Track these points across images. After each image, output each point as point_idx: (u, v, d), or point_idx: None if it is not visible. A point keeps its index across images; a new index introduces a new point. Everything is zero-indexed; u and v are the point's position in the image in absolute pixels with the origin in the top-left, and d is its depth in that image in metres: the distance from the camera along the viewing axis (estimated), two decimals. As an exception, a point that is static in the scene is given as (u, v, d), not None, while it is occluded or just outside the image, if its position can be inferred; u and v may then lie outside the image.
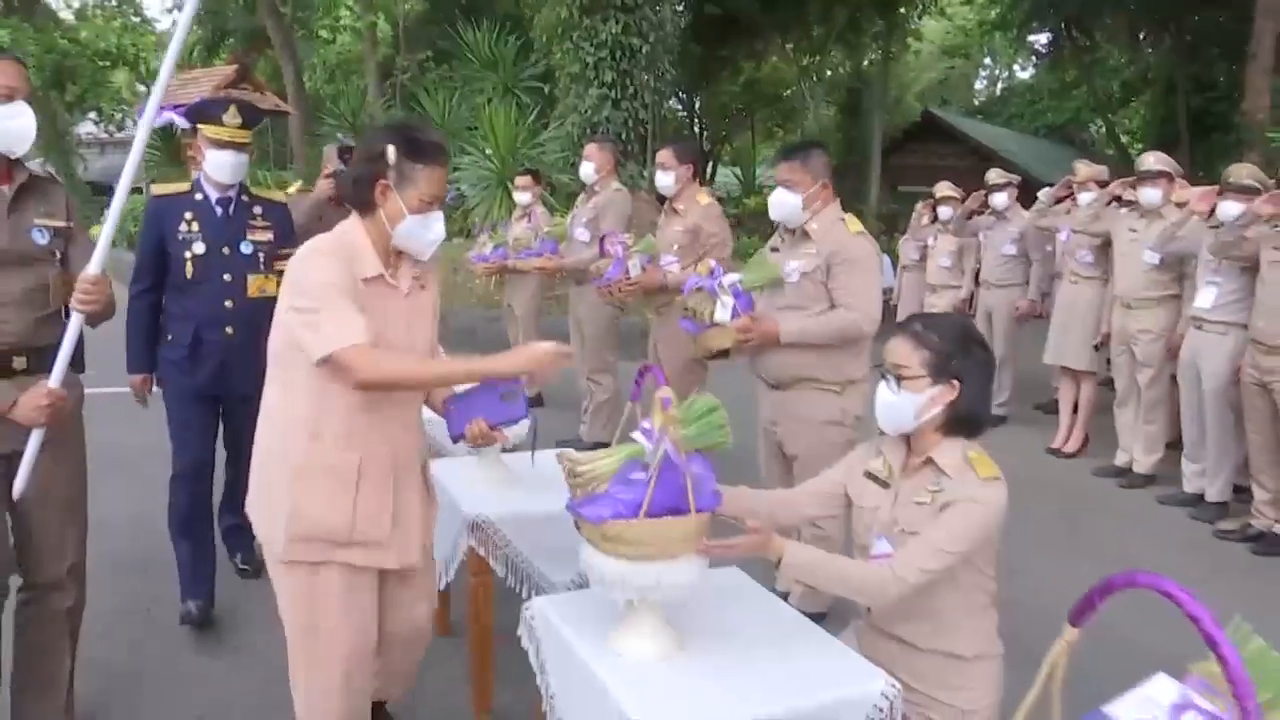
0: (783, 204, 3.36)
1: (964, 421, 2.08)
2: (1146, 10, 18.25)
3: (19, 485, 2.41)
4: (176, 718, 2.99)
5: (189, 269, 3.44)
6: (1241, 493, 5.03)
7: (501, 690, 2.85)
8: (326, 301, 2.08)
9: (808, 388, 3.25)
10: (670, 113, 23.84)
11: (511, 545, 2.70)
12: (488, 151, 11.74)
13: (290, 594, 2.24)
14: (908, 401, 2.06)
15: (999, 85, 36.37)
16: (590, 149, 5.62)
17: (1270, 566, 4.47)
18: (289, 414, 2.19)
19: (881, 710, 1.81)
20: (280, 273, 3.29)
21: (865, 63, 21.64)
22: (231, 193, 3.54)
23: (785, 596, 3.34)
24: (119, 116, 25.77)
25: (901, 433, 2.13)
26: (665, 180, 4.51)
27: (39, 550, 2.58)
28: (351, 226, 2.22)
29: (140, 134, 2.44)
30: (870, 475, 2.18)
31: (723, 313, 3.22)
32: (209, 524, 3.68)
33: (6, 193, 2.46)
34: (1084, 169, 6.22)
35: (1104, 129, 23.85)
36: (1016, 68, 34.67)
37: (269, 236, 3.59)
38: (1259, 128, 13.23)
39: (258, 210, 3.59)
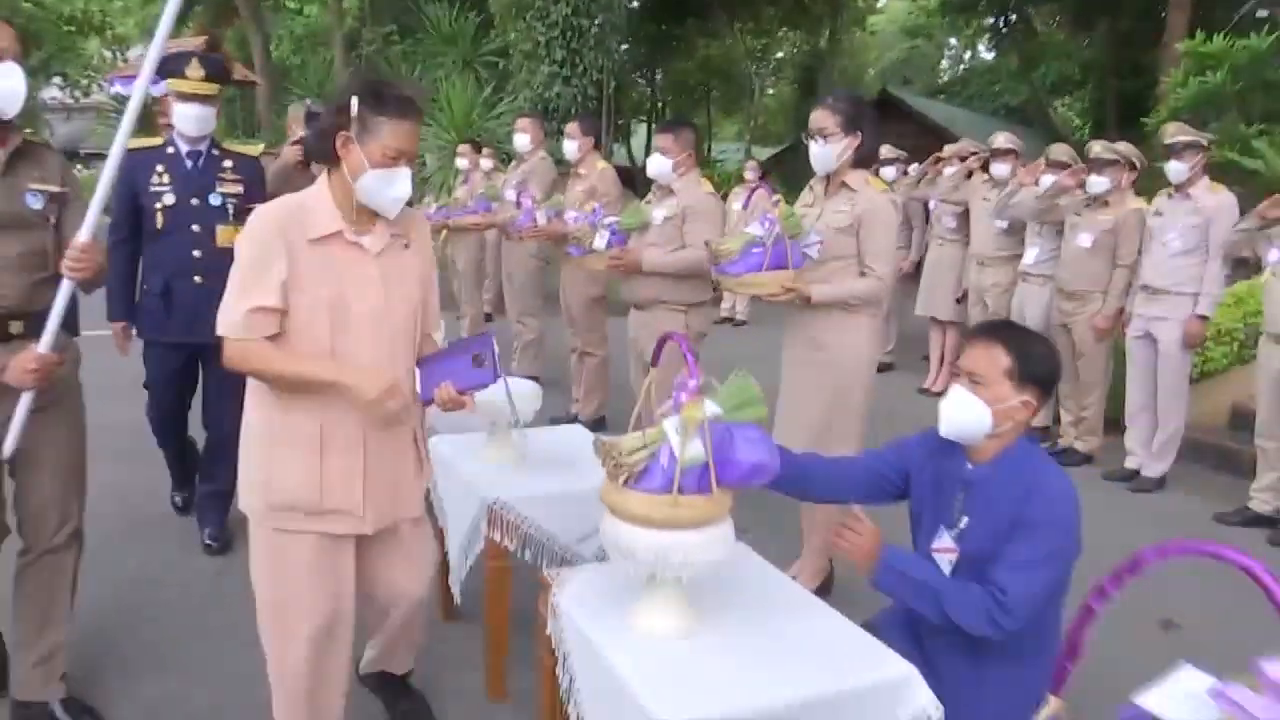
0: (658, 166, 4.26)
1: None
2: (1076, 1, 19.19)
3: (9, 445, 2.39)
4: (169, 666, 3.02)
5: (159, 219, 3.56)
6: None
7: (518, 674, 2.81)
8: (239, 278, 2.08)
9: (660, 308, 4.16)
10: (635, 89, 24.69)
11: (529, 520, 2.67)
12: (444, 123, 12.48)
13: (261, 562, 2.21)
14: None
15: (962, 66, 37.09)
16: (523, 122, 6.49)
17: (1066, 472, 5.46)
18: (259, 385, 2.16)
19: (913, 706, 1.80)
20: None
21: (821, 43, 22.49)
22: (202, 146, 3.65)
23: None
24: (85, 82, 25.99)
25: None
26: (570, 147, 5.41)
27: (41, 514, 2.58)
28: (318, 184, 2.16)
29: (133, 102, 2.40)
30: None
31: (600, 242, 4.17)
32: (190, 459, 4.06)
33: (0, 156, 2.43)
34: (948, 147, 7.15)
35: (1058, 109, 24.82)
36: (981, 48, 35.48)
37: (239, 189, 3.68)
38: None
39: (228, 164, 3.69)
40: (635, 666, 1.79)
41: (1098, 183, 5.28)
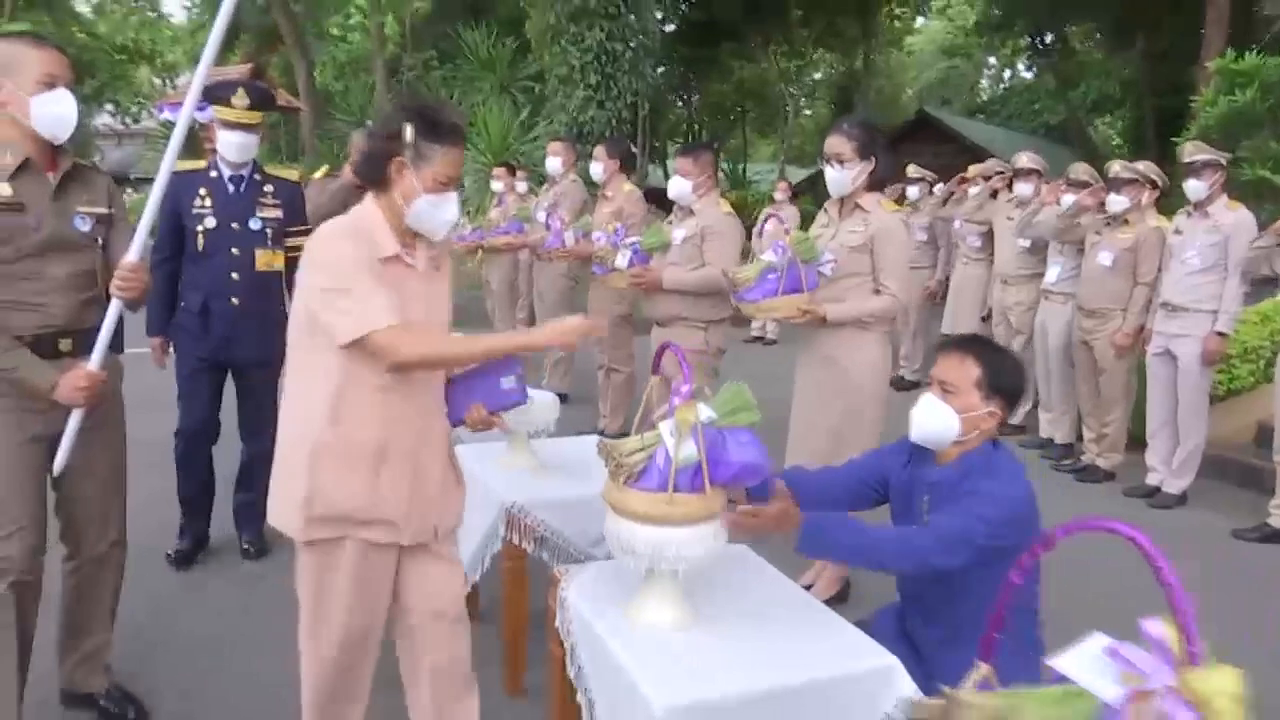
0: (678, 188, 4.41)
1: None
2: (1113, 19, 19.14)
3: (59, 461, 2.47)
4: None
5: (200, 242, 3.65)
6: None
7: (535, 671, 2.84)
8: (354, 283, 2.05)
9: (680, 325, 4.29)
10: (673, 111, 24.97)
11: (545, 524, 2.80)
12: (481, 146, 12.76)
13: (305, 568, 2.22)
14: None
15: (1001, 85, 37.00)
16: (554, 146, 6.69)
17: (1086, 488, 5.51)
18: (309, 398, 2.15)
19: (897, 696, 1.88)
20: (289, 249, 3.77)
21: (857, 63, 22.64)
22: (244, 171, 3.74)
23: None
24: (136, 109, 26.78)
25: None
26: (596, 170, 5.58)
27: (86, 526, 2.68)
28: (368, 206, 2.18)
29: (179, 127, 2.50)
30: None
31: (622, 260, 4.31)
32: (206, 475, 3.97)
33: (52, 180, 2.49)
34: (973, 168, 7.23)
35: (1099, 128, 24.75)
36: (1021, 68, 35.39)
37: (278, 214, 3.79)
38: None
39: (269, 189, 3.79)
40: (634, 655, 1.92)
41: (1117, 201, 5.35)
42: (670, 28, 19.40)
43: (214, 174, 3.73)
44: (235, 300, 3.70)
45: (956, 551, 1.99)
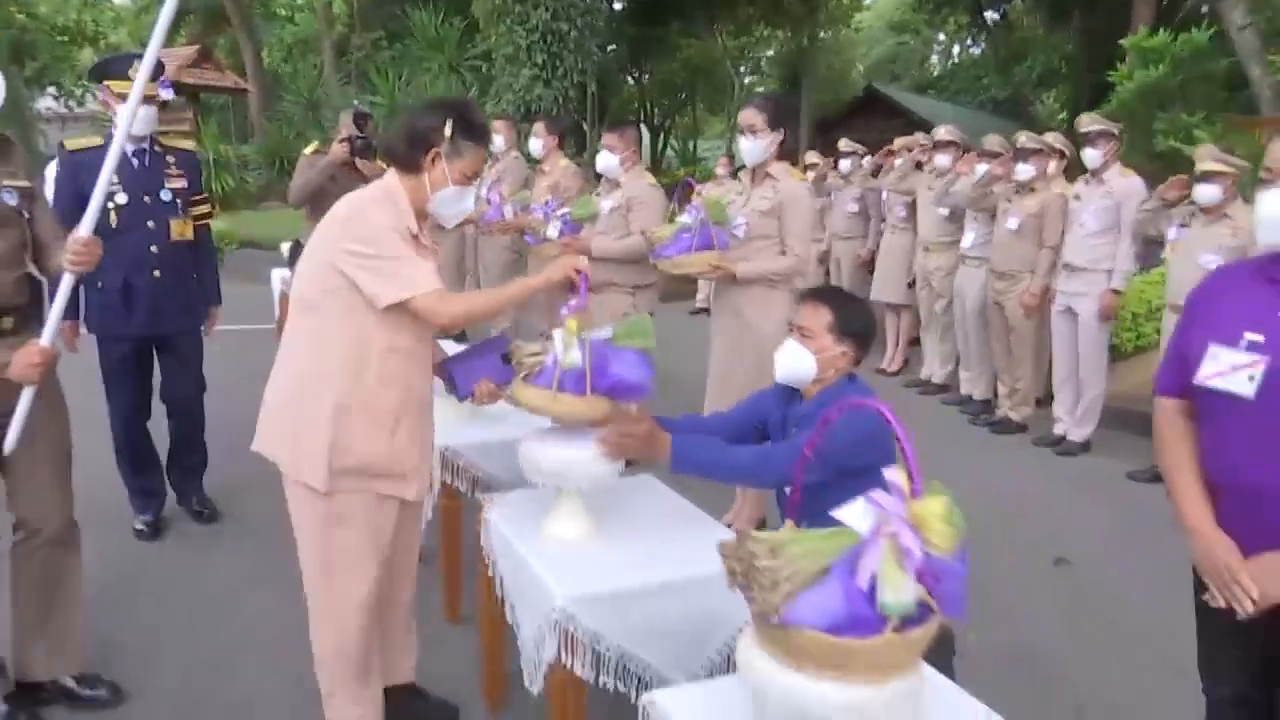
0: (605, 161, 4.69)
1: None
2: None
3: (11, 439, 2.44)
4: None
5: (113, 218, 3.58)
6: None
7: (468, 601, 3.05)
8: (395, 250, 2.21)
9: (609, 290, 4.58)
10: (623, 90, 25.15)
11: (476, 465, 3.06)
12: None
13: (315, 521, 2.32)
14: None
15: (950, 61, 37.42)
16: (497, 124, 6.87)
17: (999, 439, 5.91)
18: (324, 355, 2.26)
19: None
20: (196, 217, 3.91)
21: (804, 41, 22.93)
22: (145, 144, 3.74)
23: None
24: (79, 92, 26.34)
25: None
26: (535, 145, 5.84)
27: (40, 504, 2.63)
28: (394, 186, 2.32)
29: (128, 105, 2.55)
30: None
31: (552, 231, 4.59)
32: (150, 452, 4.03)
33: None
34: (899, 140, 7.57)
35: (1045, 102, 25.26)
36: (970, 43, 35.80)
37: (184, 184, 3.82)
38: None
39: (171, 159, 3.82)
40: (543, 561, 2.23)
41: (1023, 170, 5.70)
42: (619, 6, 19.53)
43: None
44: (157, 273, 3.73)
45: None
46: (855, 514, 1.30)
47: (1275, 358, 1.73)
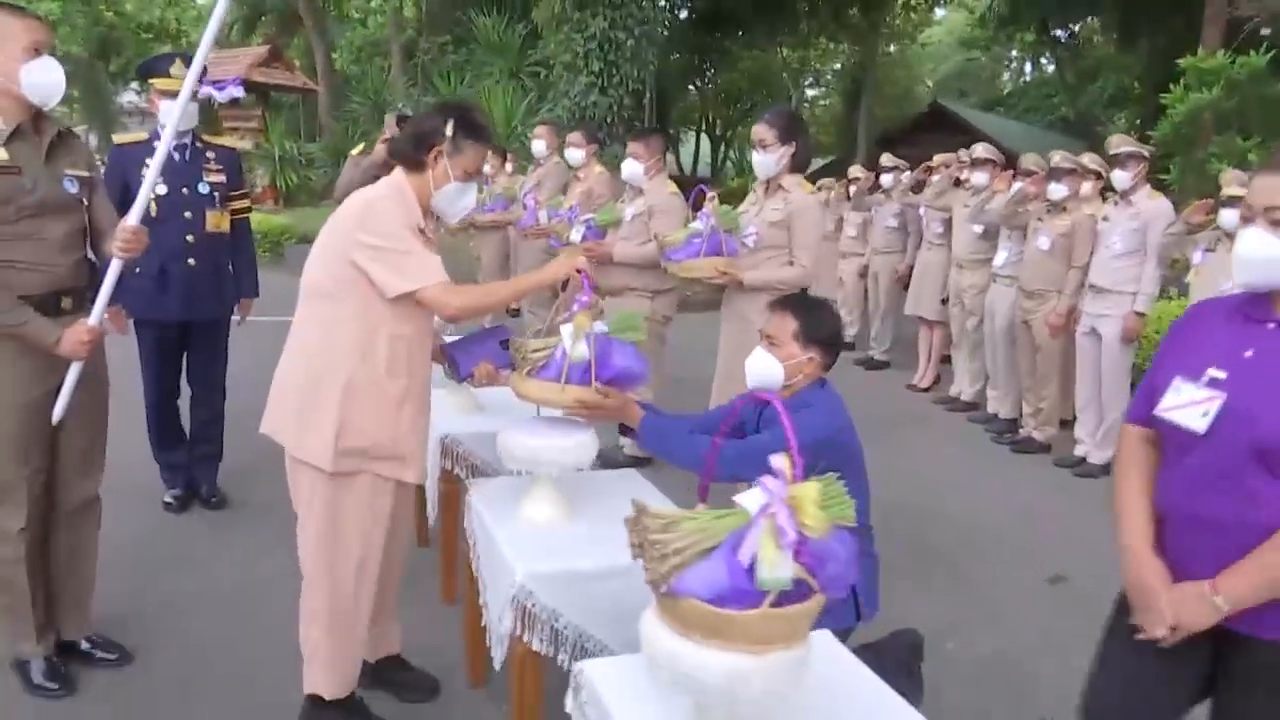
0: (630, 169, 4.83)
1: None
2: (1119, 15, 19.33)
3: (59, 410, 2.65)
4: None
5: (153, 208, 3.66)
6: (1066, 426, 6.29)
7: (464, 581, 3.02)
8: (406, 243, 2.35)
9: (629, 294, 4.72)
10: (684, 99, 25.35)
11: (475, 453, 3.20)
12: (488, 129, 13.14)
13: (321, 500, 2.44)
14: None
15: (1022, 79, 36.87)
16: (540, 130, 7.13)
17: (1021, 459, 5.91)
18: (333, 341, 2.38)
19: None
20: (234, 211, 4.12)
21: (875, 55, 22.89)
22: (186, 139, 3.94)
23: (621, 449, 4.80)
24: (161, 87, 27.22)
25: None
26: (573, 155, 5.99)
27: (73, 475, 2.82)
28: (401, 182, 2.46)
29: (180, 100, 2.78)
30: None
31: (576, 235, 4.74)
32: (180, 430, 4.28)
33: (41, 144, 2.65)
34: (938, 157, 7.59)
35: (1115, 121, 24.85)
36: (1043, 61, 35.24)
37: (222, 178, 4.04)
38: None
39: (210, 155, 4.02)
40: (512, 542, 2.37)
41: (1056, 189, 5.71)
42: (682, 15, 19.71)
43: (158, 144, 3.93)
44: (191, 261, 3.94)
45: (756, 464, 2.40)
46: (750, 498, 1.41)
47: (1232, 396, 1.74)
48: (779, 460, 1.38)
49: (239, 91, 4.44)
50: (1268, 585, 1.69)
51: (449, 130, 2.42)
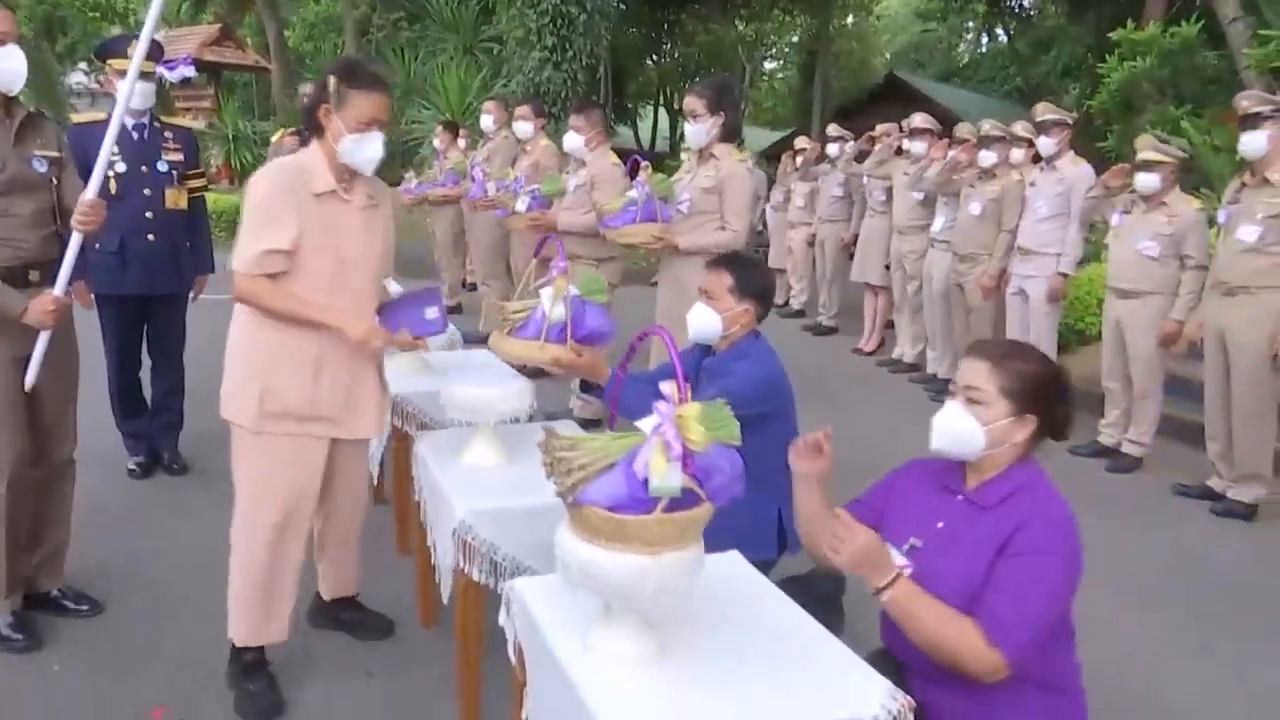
0: (572, 142, 5.00)
1: None
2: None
3: (30, 377, 2.77)
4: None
5: (113, 185, 3.87)
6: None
7: (414, 533, 3.22)
8: (257, 216, 2.44)
9: (576, 262, 4.89)
10: (640, 73, 25.37)
11: (424, 411, 3.34)
12: (441, 105, 13.21)
13: (247, 454, 2.57)
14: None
15: (979, 50, 37.07)
16: (488, 105, 7.27)
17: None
18: (254, 311, 2.52)
19: None
20: (191, 190, 4.26)
21: (829, 27, 23.01)
22: (144, 119, 4.08)
23: (572, 411, 5.00)
24: (109, 68, 26.75)
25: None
26: (522, 128, 6.16)
27: (47, 438, 2.97)
28: (312, 149, 2.55)
29: (127, 80, 2.85)
30: None
31: (521, 205, 4.91)
32: (141, 400, 4.43)
33: (11, 126, 2.78)
34: (880, 127, 7.82)
35: (1069, 91, 25.17)
36: (998, 32, 35.39)
37: (180, 157, 4.17)
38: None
39: (168, 135, 4.16)
40: (453, 481, 2.59)
41: (986, 156, 5.97)
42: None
43: None
44: (151, 237, 4.08)
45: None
46: (647, 422, 1.61)
47: (920, 565, 1.85)
48: (668, 386, 1.58)
49: (190, 70, 4.54)
50: (913, 618, 1.75)
51: (331, 85, 2.48)
